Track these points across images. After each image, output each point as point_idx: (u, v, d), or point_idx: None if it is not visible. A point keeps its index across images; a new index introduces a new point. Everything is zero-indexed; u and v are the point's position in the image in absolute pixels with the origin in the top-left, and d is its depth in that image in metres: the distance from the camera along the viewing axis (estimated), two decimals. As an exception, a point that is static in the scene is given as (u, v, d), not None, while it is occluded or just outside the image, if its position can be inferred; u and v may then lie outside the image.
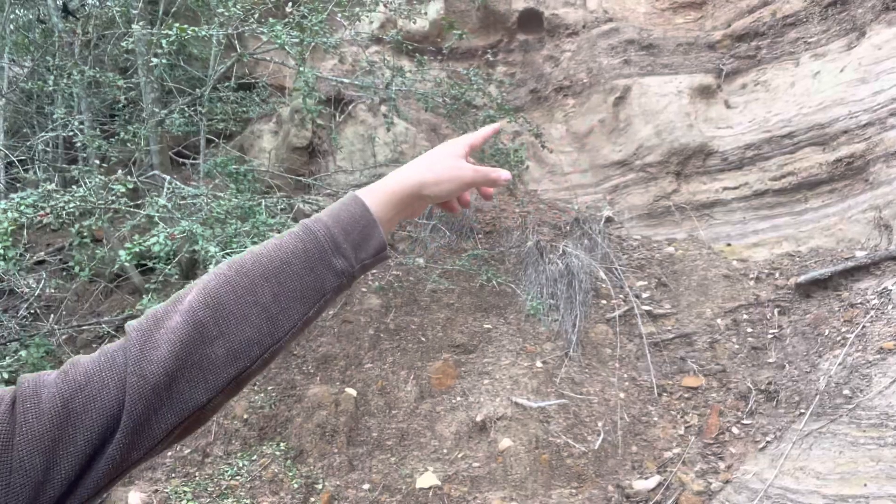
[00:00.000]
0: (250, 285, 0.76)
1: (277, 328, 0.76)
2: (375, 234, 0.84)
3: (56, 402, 0.66)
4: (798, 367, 4.33)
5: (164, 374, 0.69)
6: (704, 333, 4.90)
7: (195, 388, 0.71)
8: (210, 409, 0.74)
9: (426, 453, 4.29)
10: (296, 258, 0.79)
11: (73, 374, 0.69)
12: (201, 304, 0.73)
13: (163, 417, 0.70)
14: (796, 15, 6.61)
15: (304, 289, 0.78)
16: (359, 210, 0.84)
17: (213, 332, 0.72)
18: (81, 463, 0.66)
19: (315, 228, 0.81)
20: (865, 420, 3.36)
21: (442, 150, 0.94)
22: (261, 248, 0.80)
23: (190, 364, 0.70)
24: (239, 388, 0.76)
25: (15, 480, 0.63)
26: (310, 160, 7.33)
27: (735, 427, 4.24)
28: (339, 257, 0.81)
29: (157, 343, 0.70)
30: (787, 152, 5.75)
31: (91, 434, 0.66)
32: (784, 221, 5.61)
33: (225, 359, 0.73)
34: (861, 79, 5.53)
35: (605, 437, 4.30)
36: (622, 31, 7.29)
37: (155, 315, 0.73)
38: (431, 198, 0.90)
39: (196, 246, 3.21)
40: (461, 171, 0.91)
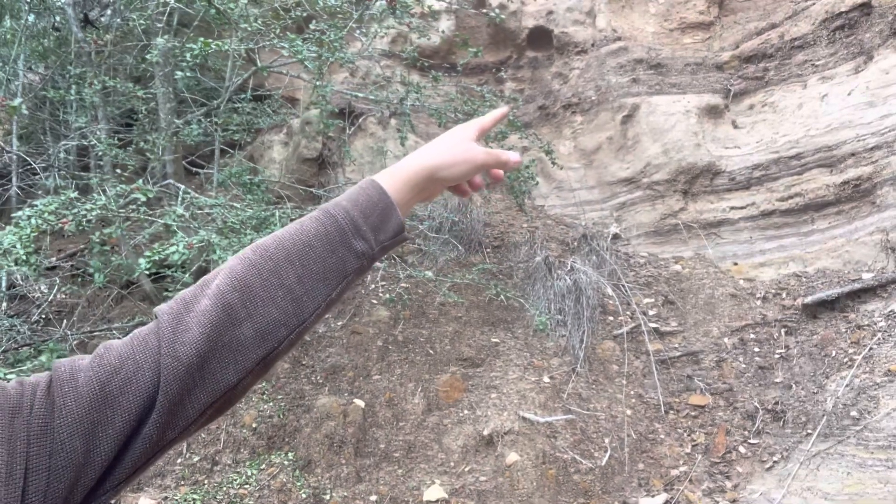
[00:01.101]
0: (275, 268, 0.78)
1: (302, 309, 0.79)
2: (393, 217, 0.87)
3: (93, 385, 0.68)
4: (805, 388, 4.35)
5: (196, 356, 0.71)
6: (711, 352, 4.93)
7: (226, 369, 0.73)
8: (240, 390, 0.76)
9: (433, 466, 4.31)
10: (318, 241, 0.81)
11: (107, 357, 0.71)
12: (229, 286, 0.75)
13: (196, 398, 0.72)
14: (804, 38, 6.68)
15: (326, 270, 0.81)
16: (376, 193, 0.86)
17: (241, 314, 0.74)
18: (119, 444, 0.68)
19: (335, 212, 0.84)
20: (873, 442, 3.38)
21: (454, 133, 0.96)
22: (283, 233, 0.82)
23: (220, 345, 0.73)
24: (267, 368, 0.78)
25: (56, 463, 0.64)
26: (319, 171, 7.39)
27: (742, 446, 4.26)
28: (360, 239, 0.83)
29: (188, 326, 0.72)
30: (794, 173, 5.80)
31: (128, 415, 0.68)
32: (791, 242, 5.65)
33: (253, 340, 0.75)
34: (869, 102, 5.58)
35: (612, 453, 4.31)
36: (631, 51, 7.37)
37: (184, 299, 0.76)
38: (445, 180, 0.92)
39: (213, 255, 3.25)
40: (473, 154, 0.93)
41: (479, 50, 4.18)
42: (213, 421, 0.79)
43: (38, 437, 0.64)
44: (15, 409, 0.66)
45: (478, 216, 5.76)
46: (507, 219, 6.38)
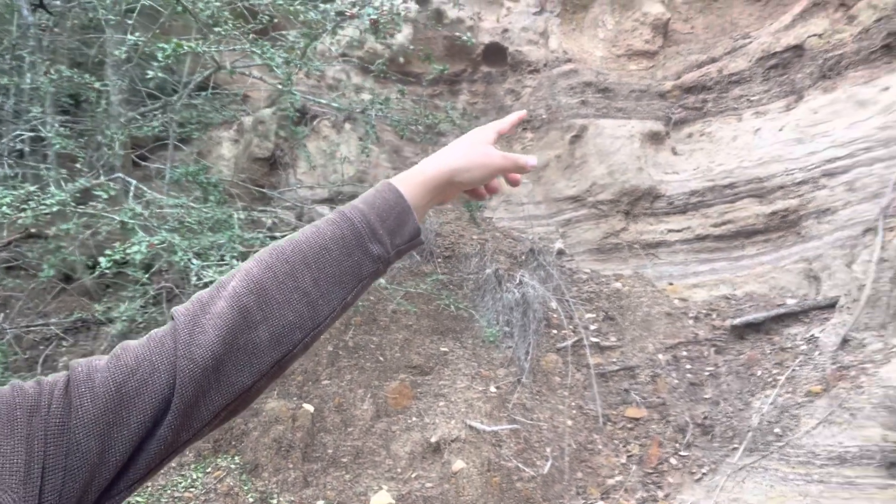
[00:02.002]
0: (291, 271, 0.78)
1: (318, 313, 0.79)
2: (410, 221, 0.86)
3: (110, 386, 0.68)
4: (732, 405, 4.65)
5: (212, 358, 0.71)
6: (647, 367, 5.19)
7: (241, 372, 0.73)
8: (254, 392, 0.76)
9: (381, 472, 4.37)
10: (334, 244, 0.81)
11: (124, 358, 0.71)
12: (245, 289, 0.75)
13: (211, 400, 0.72)
14: (741, 74, 7.13)
15: (342, 274, 0.81)
16: (393, 197, 0.86)
17: (257, 316, 0.74)
18: (134, 444, 0.68)
19: (351, 215, 0.83)
20: (794, 457, 3.67)
21: (471, 137, 0.96)
22: (299, 235, 0.82)
23: (236, 348, 0.73)
24: (281, 371, 0.78)
25: (72, 463, 0.65)
26: (270, 171, 7.32)
27: (673, 458, 4.52)
28: (376, 243, 0.83)
29: (204, 328, 0.72)
30: (727, 201, 6.19)
31: (144, 417, 0.68)
32: (722, 266, 6.02)
33: (268, 343, 0.75)
34: (798, 139, 6.03)
35: (554, 462, 4.49)
36: (581, 73, 7.66)
37: (200, 300, 0.76)
38: (462, 184, 0.92)
39: (175, 257, 3.22)
40: (491, 158, 0.93)
41: (445, 67, 4.29)
42: (227, 422, 0.79)
43: (56, 436, 0.65)
44: (33, 407, 0.66)
45: (430, 226, 5.86)
46: (458, 229, 6.51)
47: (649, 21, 8.39)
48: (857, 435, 3.46)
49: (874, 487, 3.21)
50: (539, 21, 8.30)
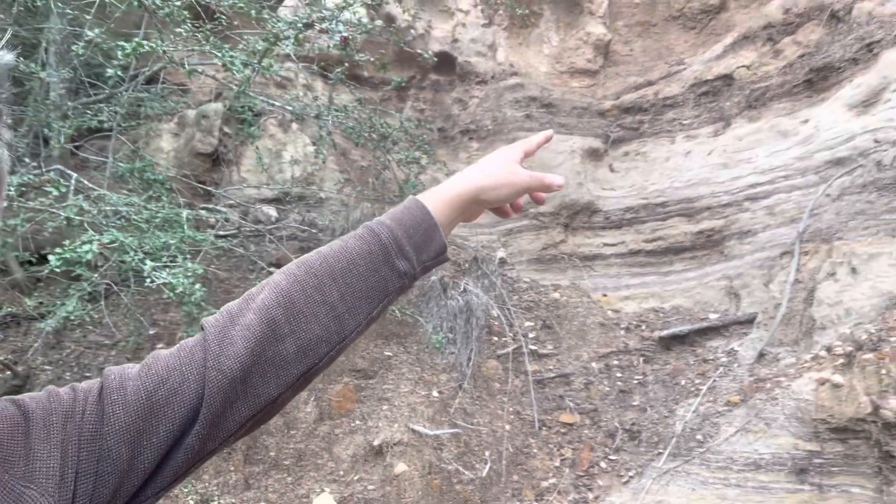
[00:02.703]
0: (319, 285, 0.79)
1: (344, 327, 0.80)
2: (436, 237, 0.87)
3: (141, 394, 0.70)
4: (658, 412, 4.95)
5: (240, 370, 0.72)
6: (581, 375, 5.45)
7: (268, 383, 0.75)
8: (279, 404, 0.78)
9: (323, 474, 4.42)
10: (361, 259, 0.82)
11: (155, 368, 0.73)
12: (274, 302, 0.76)
13: (237, 410, 0.73)
14: (674, 98, 7.54)
15: (368, 289, 0.82)
16: (420, 213, 0.87)
17: (284, 329, 0.76)
18: (162, 453, 0.70)
19: (379, 231, 0.84)
20: (714, 463, 3.97)
21: (498, 156, 0.97)
22: (328, 249, 0.83)
23: (263, 360, 0.74)
24: (306, 383, 0.80)
25: (103, 468, 0.66)
26: (213, 168, 7.19)
27: (603, 462, 4.77)
28: (402, 259, 0.84)
29: (233, 339, 0.73)
30: (659, 219, 6.55)
31: (172, 426, 0.70)
32: (652, 280, 6.37)
33: (295, 355, 0.76)
34: (724, 164, 6.45)
35: (492, 465, 4.66)
36: (527, 88, 7.90)
37: (230, 312, 0.77)
38: (489, 202, 0.93)
39: (126, 256, 3.19)
40: (518, 177, 0.94)
41: (403, 79, 4.38)
42: (252, 433, 0.80)
43: (89, 441, 0.67)
44: (68, 413, 0.68)
45: (377, 231, 5.93)
46: (403, 235, 6.60)
47: (592, 41, 8.74)
48: (771, 443, 3.79)
49: (785, 492, 3.53)
50: (488, 33, 8.50)
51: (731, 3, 8.41)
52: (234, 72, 3.36)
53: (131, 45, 2.96)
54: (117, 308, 4.80)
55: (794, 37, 6.68)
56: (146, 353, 5.08)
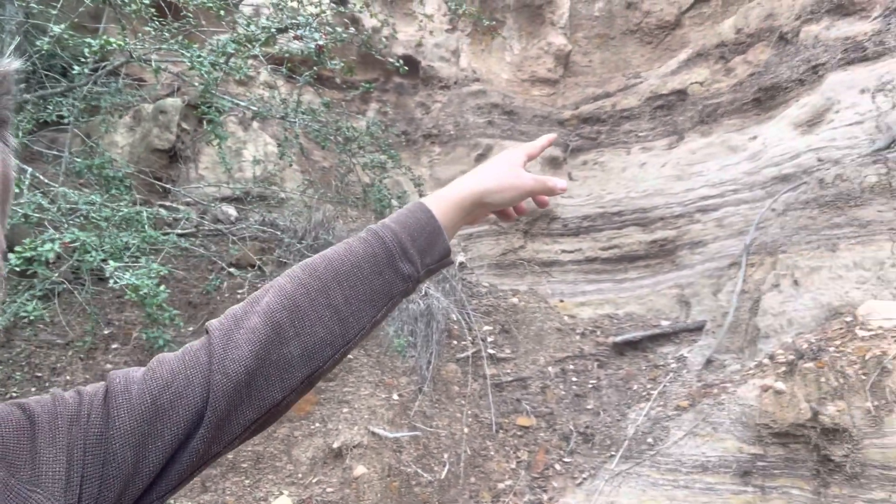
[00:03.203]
0: (323, 288, 0.79)
1: (348, 330, 0.80)
2: (440, 241, 0.88)
3: (146, 398, 0.70)
4: (611, 415, 5.11)
5: (245, 373, 0.72)
6: (538, 379, 5.57)
7: (272, 387, 0.75)
8: (283, 406, 0.78)
9: (281, 477, 4.41)
10: (366, 262, 0.82)
11: (159, 371, 0.73)
12: (278, 305, 0.77)
13: (242, 414, 0.74)
14: (631, 110, 7.77)
15: (373, 292, 0.82)
16: (425, 217, 0.88)
17: (289, 332, 0.76)
18: (167, 456, 0.70)
19: (383, 234, 0.85)
20: (664, 465, 4.13)
21: (502, 159, 0.97)
22: (332, 253, 0.83)
23: (268, 363, 0.74)
24: (310, 386, 0.80)
25: (108, 472, 0.66)
26: (170, 164, 7.06)
27: (558, 464, 4.90)
28: (406, 262, 0.84)
29: (238, 343, 0.74)
30: (615, 227, 6.74)
31: (177, 429, 0.70)
32: (607, 287, 6.55)
33: (300, 359, 0.76)
34: (677, 176, 6.69)
35: (450, 468, 4.73)
36: (489, 95, 8.02)
37: (234, 315, 0.78)
38: (493, 205, 0.94)
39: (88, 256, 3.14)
40: (522, 181, 0.94)
41: (371, 85, 4.41)
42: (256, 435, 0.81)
43: (94, 445, 0.67)
44: (73, 417, 0.68)
45: (339, 233, 5.94)
46: (364, 237, 6.62)
47: (552, 51, 8.92)
48: (718, 446, 3.97)
49: (730, 493, 3.71)
50: (451, 39, 8.59)
51: (686, 21, 8.71)
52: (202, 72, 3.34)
53: (98, 42, 2.92)
54: (70, 307, 4.68)
55: (744, 56, 6.97)
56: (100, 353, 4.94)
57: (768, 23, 6.87)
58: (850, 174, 4.88)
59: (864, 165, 4.86)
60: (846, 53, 5.82)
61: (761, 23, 6.94)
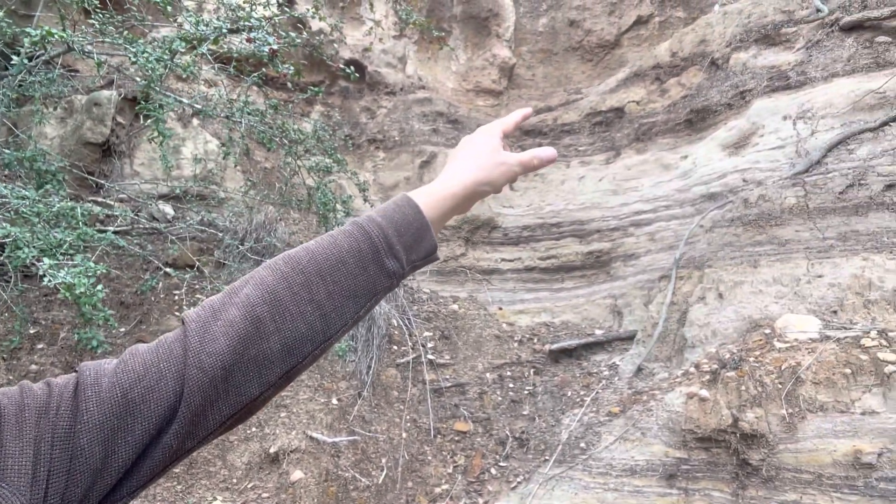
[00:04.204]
0: (306, 282, 0.77)
1: (330, 326, 0.78)
2: (427, 237, 0.86)
3: (115, 391, 0.67)
4: (546, 421, 5.26)
5: (221, 367, 0.70)
6: (476, 385, 5.67)
7: (250, 382, 0.72)
8: (260, 402, 0.75)
9: (215, 482, 4.33)
10: (350, 257, 0.80)
11: (131, 364, 0.70)
12: (259, 299, 0.74)
13: (218, 409, 0.71)
14: (572, 125, 8.02)
15: (356, 288, 0.80)
16: (412, 212, 0.86)
17: (269, 327, 0.73)
18: (138, 451, 0.67)
19: (369, 228, 0.82)
20: (595, 469, 4.29)
21: (481, 145, 0.95)
22: (315, 246, 0.81)
23: (246, 358, 0.72)
24: (288, 381, 0.77)
25: (76, 467, 0.64)
26: (103, 158, 6.81)
27: (493, 468, 5.00)
28: (392, 258, 0.82)
29: (215, 336, 0.71)
30: (553, 238, 6.94)
31: (148, 424, 0.68)
32: (544, 295, 6.73)
33: (279, 354, 0.74)
34: (613, 190, 6.95)
35: (388, 472, 4.76)
36: (434, 102, 8.11)
37: (212, 306, 0.75)
38: (485, 193, 0.93)
39: (20, 252, 3.02)
40: (508, 167, 0.94)
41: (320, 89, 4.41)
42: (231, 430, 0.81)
43: (62, 439, 0.64)
44: (42, 409, 0.66)
45: (281, 235, 5.88)
46: (305, 240, 6.57)
47: (497, 63, 9.11)
48: (646, 450, 4.16)
49: (656, 495, 3.90)
50: (399, 46, 8.64)
51: (625, 41, 9.07)
52: (147, 68, 3.27)
53: (40, 33, 2.82)
54: (-8, 305, 4.47)
55: (678, 78, 7.32)
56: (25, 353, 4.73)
57: (701, 48, 7.24)
58: (771, 195, 5.20)
59: (784, 187, 5.19)
60: (771, 81, 6.21)
61: (695, 48, 7.31)
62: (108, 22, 3.28)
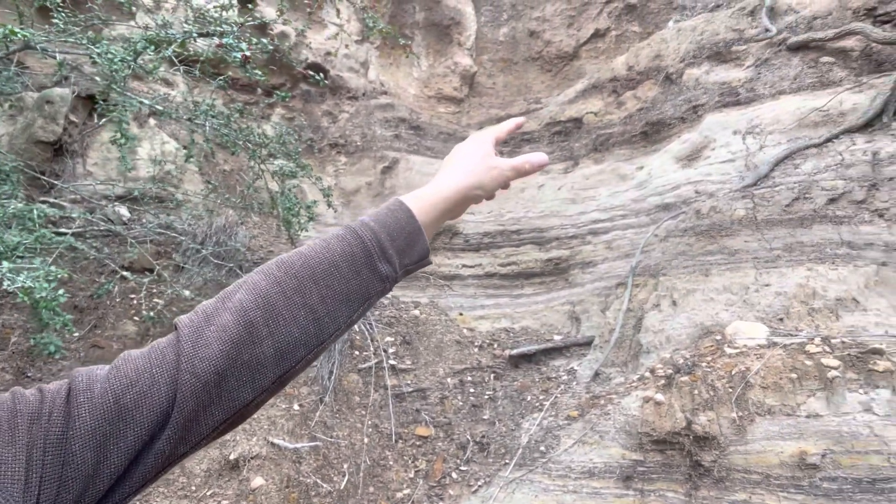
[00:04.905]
0: (299, 287, 0.77)
1: (323, 330, 0.78)
2: (420, 241, 0.87)
3: (108, 397, 0.67)
4: (506, 425, 5.35)
5: (214, 373, 0.70)
6: (437, 390, 5.72)
7: (243, 387, 0.72)
8: (253, 407, 0.76)
9: (173, 490, 4.26)
10: (343, 262, 0.80)
11: (124, 369, 0.70)
12: (252, 303, 0.74)
13: (211, 414, 0.71)
14: (532, 134, 8.17)
15: (349, 292, 0.80)
16: (405, 217, 0.87)
17: (262, 332, 0.73)
18: (130, 458, 0.67)
19: (362, 233, 0.83)
20: (555, 471, 4.39)
21: (473, 151, 0.98)
22: (308, 251, 0.81)
23: (239, 363, 0.71)
24: (282, 386, 0.78)
25: (67, 473, 0.64)
26: (55, 157, 6.61)
27: (455, 472, 5.05)
28: (385, 263, 0.83)
29: (208, 341, 0.71)
30: (513, 245, 7.06)
31: (140, 430, 0.67)
32: (504, 301, 6.84)
33: (272, 359, 0.74)
34: (572, 199, 7.11)
35: (349, 478, 4.76)
36: (397, 108, 8.15)
37: (205, 311, 0.75)
38: (477, 198, 0.96)
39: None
40: (501, 171, 0.97)
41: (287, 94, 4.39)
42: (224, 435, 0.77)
43: (54, 446, 0.64)
44: (34, 415, 0.65)
45: (242, 239, 5.82)
46: (266, 244, 6.52)
47: (459, 70, 9.21)
48: (604, 453, 4.28)
49: (613, 496, 4.02)
50: (361, 50, 8.65)
51: (583, 53, 9.29)
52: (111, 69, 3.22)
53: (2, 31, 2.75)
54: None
55: (634, 91, 7.54)
56: (-28, 359, 4.55)
57: (656, 63, 7.48)
58: (722, 207, 5.42)
59: (734, 199, 5.42)
60: (722, 97, 6.47)
61: (650, 62, 7.55)
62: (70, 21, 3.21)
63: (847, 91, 5.62)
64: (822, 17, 6.31)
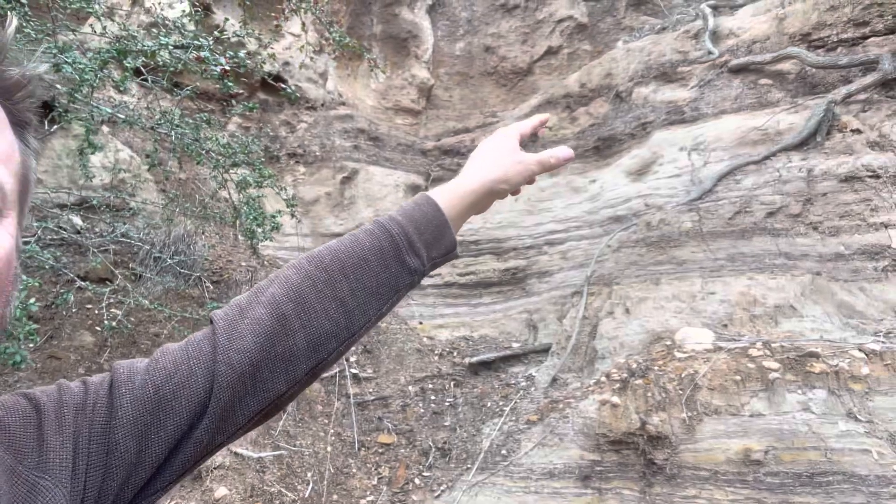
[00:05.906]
0: (329, 280, 0.79)
1: (353, 322, 0.80)
2: (447, 234, 0.88)
3: (148, 388, 0.70)
4: (467, 431, 5.47)
5: (249, 364, 0.72)
6: (399, 398, 5.81)
7: (277, 378, 0.74)
8: (287, 398, 0.78)
9: (136, 502, 4.22)
10: (373, 255, 0.82)
11: (162, 362, 0.73)
12: (284, 297, 0.76)
13: (246, 405, 0.73)
14: (488, 146, 8.37)
15: (379, 285, 0.82)
16: (431, 210, 0.88)
17: (295, 324, 0.75)
18: (170, 446, 0.70)
19: (390, 227, 0.85)
20: (516, 474, 4.54)
21: (500, 146, 0.99)
22: (338, 245, 0.83)
23: (273, 355, 0.74)
24: (314, 378, 0.80)
25: (111, 461, 0.66)
26: (3, 164, 6.44)
27: (417, 478, 5.14)
28: (413, 256, 0.84)
29: (242, 334, 0.73)
30: (472, 255, 7.22)
31: (180, 420, 0.70)
32: (463, 310, 6.98)
33: (305, 351, 0.76)
34: (529, 210, 7.33)
35: (314, 486, 4.80)
36: (356, 119, 8.23)
37: (239, 305, 0.77)
38: (502, 192, 0.96)
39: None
40: (526, 166, 0.97)
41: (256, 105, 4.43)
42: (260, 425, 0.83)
43: (99, 435, 0.67)
44: (79, 406, 0.68)
45: (201, 249, 5.79)
46: (225, 253, 6.49)
47: (416, 83, 9.36)
48: (563, 454, 4.45)
49: (573, 496, 4.19)
50: (319, 61, 8.71)
51: (537, 69, 9.59)
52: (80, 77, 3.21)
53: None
54: None
55: (587, 108, 7.85)
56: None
57: (607, 81, 7.80)
58: (670, 219, 5.72)
59: (681, 212, 5.72)
60: (669, 115, 6.81)
61: (601, 80, 7.87)
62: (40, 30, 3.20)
63: (784, 111, 6.02)
64: (761, 42, 6.73)
